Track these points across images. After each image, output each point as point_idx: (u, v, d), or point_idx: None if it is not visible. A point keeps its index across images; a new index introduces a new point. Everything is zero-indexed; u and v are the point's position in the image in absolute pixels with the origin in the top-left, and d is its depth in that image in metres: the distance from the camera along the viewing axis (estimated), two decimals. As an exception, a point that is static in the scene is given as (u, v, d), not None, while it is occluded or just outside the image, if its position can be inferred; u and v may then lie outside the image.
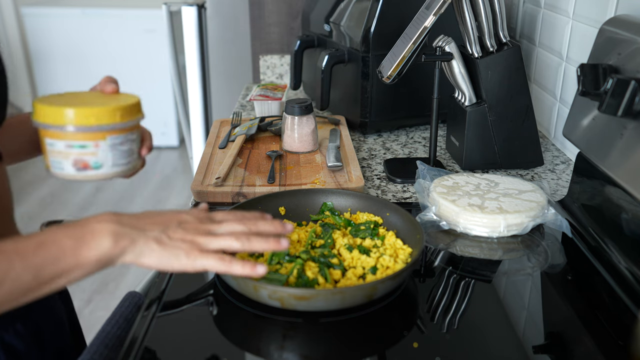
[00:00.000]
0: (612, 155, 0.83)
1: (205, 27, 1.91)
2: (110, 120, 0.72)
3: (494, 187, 0.99)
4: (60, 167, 0.73)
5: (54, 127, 0.70)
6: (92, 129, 0.71)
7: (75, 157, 0.72)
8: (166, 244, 0.64)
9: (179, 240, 0.65)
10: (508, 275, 0.87)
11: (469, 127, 1.16)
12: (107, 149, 0.73)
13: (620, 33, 0.87)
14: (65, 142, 0.71)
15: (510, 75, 1.13)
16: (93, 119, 0.71)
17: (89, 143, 0.72)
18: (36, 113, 0.71)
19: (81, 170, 0.73)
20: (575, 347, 0.71)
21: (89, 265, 0.61)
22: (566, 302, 0.80)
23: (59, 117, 0.70)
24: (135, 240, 0.63)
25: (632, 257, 0.81)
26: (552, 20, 1.28)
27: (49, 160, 0.73)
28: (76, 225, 0.62)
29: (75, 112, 0.70)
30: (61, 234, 0.61)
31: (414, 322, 0.74)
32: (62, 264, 0.60)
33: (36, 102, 0.72)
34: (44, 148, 0.73)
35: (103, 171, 0.74)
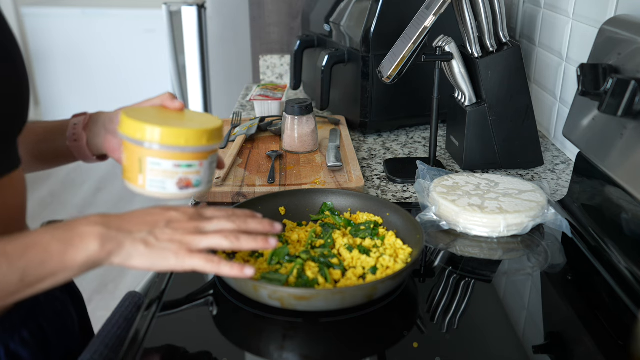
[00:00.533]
0: (612, 155, 0.83)
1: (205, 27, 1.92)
2: (214, 140, 0.75)
3: (494, 187, 0.99)
4: (162, 187, 0.73)
5: (164, 147, 0.71)
6: (201, 150, 0.73)
7: (180, 177, 0.73)
8: (154, 245, 0.64)
9: (167, 241, 0.65)
10: (508, 275, 0.87)
11: (469, 127, 1.16)
12: (207, 168, 0.76)
13: (620, 33, 0.87)
14: (174, 162, 0.72)
15: (510, 75, 1.13)
16: (204, 140, 0.73)
17: (195, 162, 0.73)
18: (134, 129, 0.71)
19: (183, 189, 0.74)
20: (575, 347, 0.71)
21: (75, 268, 0.62)
22: (566, 302, 0.80)
23: (172, 137, 0.71)
24: (122, 243, 0.63)
25: (632, 257, 0.81)
26: (552, 20, 1.28)
27: (147, 180, 0.73)
28: (64, 227, 0.62)
29: (189, 133, 0.72)
30: (48, 237, 0.61)
31: (414, 322, 0.74)
32: (48, 266, 0.60)
33: (133, 119, 0.72)
34: (140, 167, 0.72)
35: (200, 188, 0.76)
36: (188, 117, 0.80)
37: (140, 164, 0.72)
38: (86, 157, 0.89)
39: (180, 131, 0.71)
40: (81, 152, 0.88)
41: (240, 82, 2.04)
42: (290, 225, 0.91)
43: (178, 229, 0.66)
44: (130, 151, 0.73)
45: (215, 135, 0.75)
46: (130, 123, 0.71)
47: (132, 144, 0.72)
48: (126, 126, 0.72)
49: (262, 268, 0.79)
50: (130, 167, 0.74)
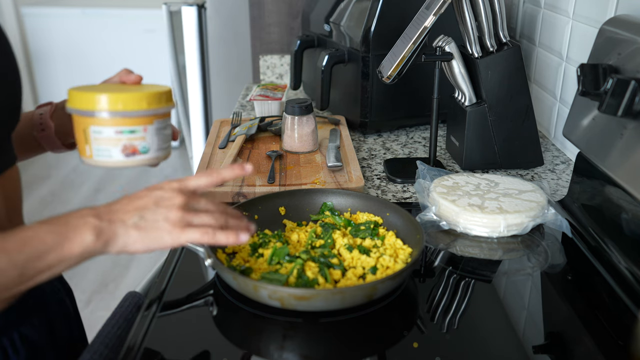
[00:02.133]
0: (612, 155, 0.83)
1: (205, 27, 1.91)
2: (158, 104, 0.74)
3: (494, 187, 0.99)
4: (108, 155, 0.73)
5: (103, 113, 0.71)
6: (142, 114, 0.73)
7: (124, 143, 0.73)
8: (146, 228, 0.65)
9: (159, 221, 0.66)
10: (508, 275, 0.87)
11: (469, 127, 1.16)
12: (154, 133, 0.75)
13: (620, 33, 0.87)
14: (115, 128, 0.72)
15: (510, 75, 1.13)
16: (144, 103, 0.73)
17: (138, 128, 0.73)
18: (78, 101, 0.72)
19: (130, 156, 0.74)
20: (575, 347, 0.71)
21: (73, 259, 0.63)
22: (566, 302, 0.80)
23: (110, 103, 0.71)
24: (115, 232, 0.64)
25: (632, 257, 0.81)
26: (552, 20, 1.28)
27: (93, 149, 0.74)
28: (59, 221, 0.63)
29: (127, 97, 0.71)
30: (44, 231, 0.62)
31: (414, 322, 0.74)
32: (46, 260, 0.61)
33: (77, 91, 0.73)
34: (85, 137, 0.73)
35: (149, 155, 0.76)
36: (139, 87, 0.80)
37: (85, 134, 0.73)
38: (55, 146, 0.89)
39: (117, 96, 0.71)
40: (50, 141, 0.88)
41: (240, 82, 2.04)
42: (290, 225, 0.91)
43: (167, 206, 0.67)
44: (76, 123, 0.74)
45: (156, 99, 0.74)
46: (73, 94, 0.73)
47: (76, 115, 0.73)
48: (70, 98, 0.74)
49: (262, 268, 0.79)
50: (78, 140, 0.75)
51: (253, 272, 0.79)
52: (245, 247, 0.85)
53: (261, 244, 0.85)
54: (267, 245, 0.84)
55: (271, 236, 0.86)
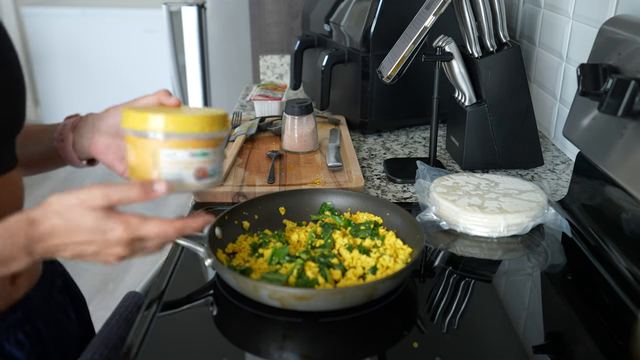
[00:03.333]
0: (612, 155, 0.83)
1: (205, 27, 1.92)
2: (224, 127, 0.73)
3: (494, 187, 0.99)
4: (179, 179, 0.70)
5: (182, 135, 0.69)
6: (214, 136, 0.71)
7: (197, 166, 0.71)
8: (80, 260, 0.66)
9: (98, 260, 0.66)
10: (508, 275, 0.87)
11: (469, 127, 1.16)
12: (219, 156, 0.74)
13: (620, 33, 0.87)
14: (190, 150, 0.69)
15: (510, 75, 1.13)
16: (217, 125, 0.71)
17: (210, 150, 0.71)
18: (143, 123, 0.68)
19: (200, 179, 0.71)
20: (575, 347, 0.71)
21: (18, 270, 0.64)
22: (566, 302, 0.80)
23: (188, 125, 0.69)
24: (52, 257, 0.65)
25: (632, 257, 0.81)
26: (552, 20, 1.28)
27: (163, 174, 0.70)
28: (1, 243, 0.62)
29: (204, 119, 0.70)
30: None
31: (414, 322, 0.74)
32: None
33: (140, 112, 0.69)
34: (154, 161, 0.69)
35: (215, 179, 0.73)
36: (189, 110, 0.79)
37: (154, 157, 0.69)
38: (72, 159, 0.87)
39: (194, 118, 0.69)
40: (67, 153, 0.86)
41: (240, 82, 2.04)
42: (290, 225, 0.91)
43: (106, 255, 0.65)
44: (139, 146, 0.70)
45: (224, 121, 0.74)
46: (138, 116, 0.69)
47: (141, 138, 0.69)
48: (132, 120, 0.69)
49: (262, 268, 0.79)
50: (140, 164, 0.70)
51: (253, 272, 0.79)
52: (245, 247, 0.85)
53: (261, 244, 0.85)
54: (267, 245, 0.84)
55: (271, 236, 0.86)
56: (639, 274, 0.79)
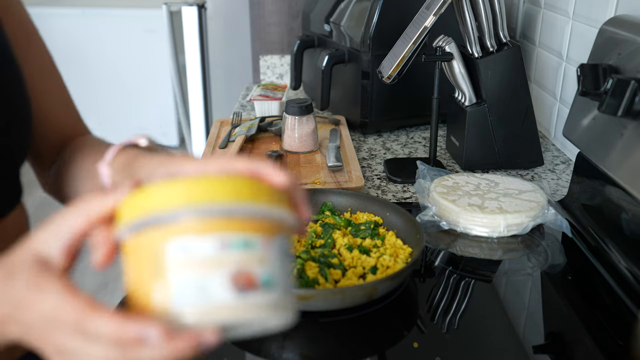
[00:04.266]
0: (612, 155, 0.83)
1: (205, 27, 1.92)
2: (281, 202, 0.45)
3: (494, 187, 0.99)
4: (203, 294, 0.40)
5: (208, 210, 0.41)
6: (264, 214, 0.43)
7: (234, 268, 0.40)
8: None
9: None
10: (508, 275, 0.87)
11: (469, 127, 1.16)
12: (277, 254, 0.43)
13: (620, 33, 0.87)
14: (220, 237, 0.41)
15: (510, 75, 1.13)
16: (268, 195, 0.44)
17: (256, 239, 0.42)
18: (143, 203, 0.42)
19: (243, 292, 0.40)
20: (575, 347, 0.71)
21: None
22: (566, 302, 0.80)
23: (220, 189, 0.42)
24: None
25: (632, 257, 0.81)
26: (552, 20, 1.28)
27: (173, 286, 0.40)
28: None
29: (246, 184, 0.43)
30: None
31: (414, 322, 0.74)
32: None
33: (138, 192, 0.43)
34: (156, 268, 0.41)
35: (274, 294, 0.42)
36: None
37: (157, 261, 0.41)
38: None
39: (226, 180, 0.43)
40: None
41: (240, 82, 2.04)
42: (290, 225, 0.91)
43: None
44: (135, 250, 0.43)
45: (283, 197, 0.46)
46: (135, 199, 0.43)
47: (138, 234, 0.42)
48: (128, 208, 0.43)
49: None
50: (137, 277, 0.43)
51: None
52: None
53: (261, 244, 0.84)
54: (267, 245, 0.84)
55: (271, 236, 0.86)
56: (639, 274, 0.79)
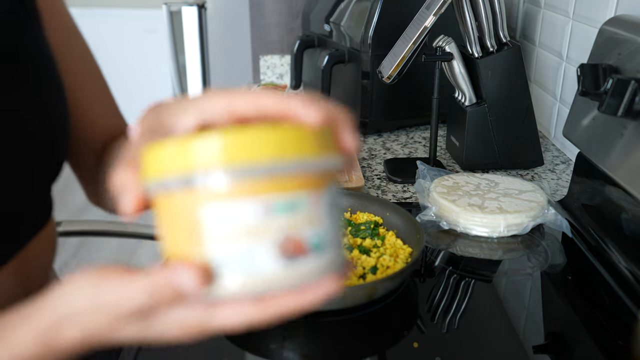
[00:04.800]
0: (612, 155, 0.83)
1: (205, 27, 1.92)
2: (329, 149, 0.39)
3: (494, 187, 0.99)
4: (247, 265, 0.36)
5: (248, 171, 0.35)
6: (311, 167, 0.37)
7: (281, 234, 0.36)
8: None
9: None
10: (508, 275, 0.87)
11: (469, 127, 1.16)
12: (327, 209, 0.38)
13: (620, 33, 0.87)
14: (262, 201, 0.36)
15: (510, 75, 1.13)
16: (313, 145, 0.37)
17: (303, 199, 0.37)
18: (186, 157, 0.36)
19: (292, 260, 0.36)
20: (575, 347, 0.72)
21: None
22: (566, 302, 0.80)
23: (259, 145, 0.36)
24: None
25: (632, 257, 0.81)
26: (552, 20, 1.28)
27: (212, 255, 0.37)
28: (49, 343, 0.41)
29: (288, 135, 0.36)
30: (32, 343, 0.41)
31: (414, 322, 0.74)
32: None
33: (164, 145, 0.37)
34: (192, 235, 0.37)
35: (325, 257, 0.38)
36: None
37: (192, 228, 0.37)
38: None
39: (263, 131, 0.36)
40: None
41: (240, 82, 2.04)
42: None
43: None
44: (167, 211, 0.38)
45: (328, 138, 0.39)
46: (164, 151, 0.37)
47: (169, 195, 0.37)
48: (155, 161, 0.38)
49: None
50: (173, 241, 0.39)
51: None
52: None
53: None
54: (267, 245, 0.84)
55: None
56: (639, 274, 0.79)
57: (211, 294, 0.37)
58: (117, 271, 0.39)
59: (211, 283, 0.37)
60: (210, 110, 0.40)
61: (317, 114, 0.39)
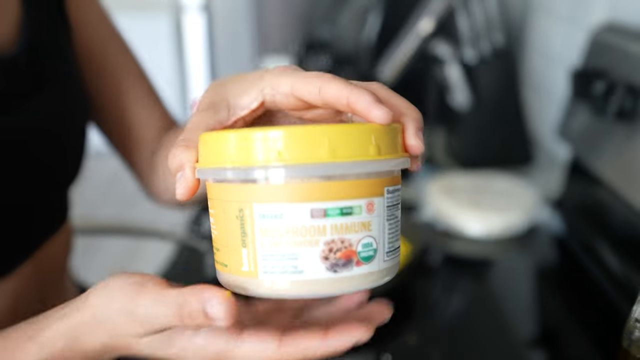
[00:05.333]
0: (605, 156, 0.85)
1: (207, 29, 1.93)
2: (390, 147, 0.36)
3: (490, 188, 1.01)
4: (292, 269, 0.35)
5: (300, 169, 0.34)
6: (372, 170, 0.35)
7: (331, 239, 0.34)
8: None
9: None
10: (505, 275, 0.88)
11: (466, 128, 1.17)
12: (383, 214, 0.36)
13: (612, 37, 0.88)
14: (316, 205, 0.34)
15: (505, 78, 1.15)
16: (370, 145, 0.35)
17: (358, 204, 0.35)
18: (230, 148, 0.35)
19: (341, 269, 0.35)
20: (571, 345, 0.73)
21: None
22: (561, 302, 0.81)
23: (312, 143, 0.34)
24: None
25: (625, 257, 0.83)
26: (545, 24, 1.29)
27: (260, 258, 0.35)
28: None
29: (342, 135, 0.34)
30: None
31: (413, 322, 0.75)
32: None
33: (226, 134, 0.36)
34: (241, 234, 0.36)
35: (374, 263, 0.36)
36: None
37: (240, 223, 0.35)
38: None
39: (323, 128, 0.34)
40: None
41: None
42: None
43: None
44: (217, 201, 0.37)
45: (394, 138, 0.37)
46: (222, 141, 0.36)
47: (219, 186, 0.36)
48: (210, 148, 0.37)
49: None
50: (224, 234, 0.37)
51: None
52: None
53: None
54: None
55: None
56: (630, 273, 0.80)
57: (256, 291, 0.36)
58: (154, 283, 0.38)
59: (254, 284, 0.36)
60: (273, 91, 0.39)
61: (385, 112, 0.35)
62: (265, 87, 0.39)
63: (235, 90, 0.41)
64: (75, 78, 0.63)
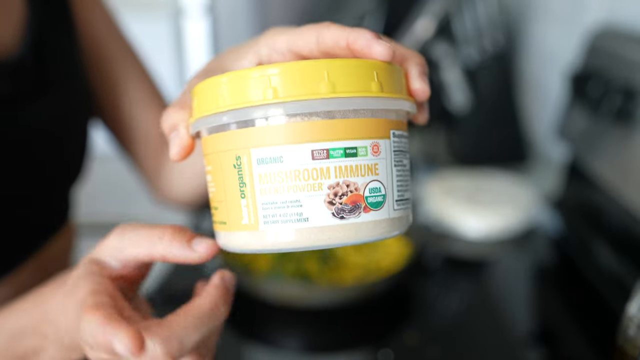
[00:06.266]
0: (603, 157, 0.85)
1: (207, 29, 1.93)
2: (394, 85, 0.34)
3: (491, 188, 1.01)
4: (295, 213, 0.32)
5: (298, 105, 0.31)
6: (374, 108, 0.33)
7: (336, 183, 0.32)
8: None
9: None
10: (504, 275, 0.88)
11: (466, 129, 1.18)
12: (389, 157, 0.34)
13: (610, 39, 0.89)
14: (318, 145, 0.31)
15: (505, 78, 1.15)
16: (373, 82, 0.33)
17: (363, 145, 0.32)
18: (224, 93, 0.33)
19: (349, 215, 0.32)
20: (569, 344, 0.73)
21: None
22: (560, 302, 0.82)
23: (312, 78, 0.31)
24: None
25: (623, 257, 0.83)
26: (542, 26, 1.30)
27: (260, 208, 0.32)
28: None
29: (343, 72, 0.32)
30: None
31: (413, 322, 0.75)
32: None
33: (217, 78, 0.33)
34: (238, 184, 0.33)
35: (383, 210, 0.33)
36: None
37: (238, 173, 0.33)
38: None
39: (324, 67, 0.32)
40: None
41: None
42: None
43: None
44: (219, 152, 0.34)
45: (397, 79, 0.35)
46: (213, 86, 0.34)
47: (221, 132, 0.34)
48: (205, 96, 0.34)
49: (262, 265, 0.80)
50: (222, 188, 0.34)
51: (253, 269, 0.80)
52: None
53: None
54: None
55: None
56: (627, 273, 0.81)
57: (259, 245, 0.33)
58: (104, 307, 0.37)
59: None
60: (270, 50, 0.37)
61: (387, 47, 0.33)
62: (262, 48, 0.38)
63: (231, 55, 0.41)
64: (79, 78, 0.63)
